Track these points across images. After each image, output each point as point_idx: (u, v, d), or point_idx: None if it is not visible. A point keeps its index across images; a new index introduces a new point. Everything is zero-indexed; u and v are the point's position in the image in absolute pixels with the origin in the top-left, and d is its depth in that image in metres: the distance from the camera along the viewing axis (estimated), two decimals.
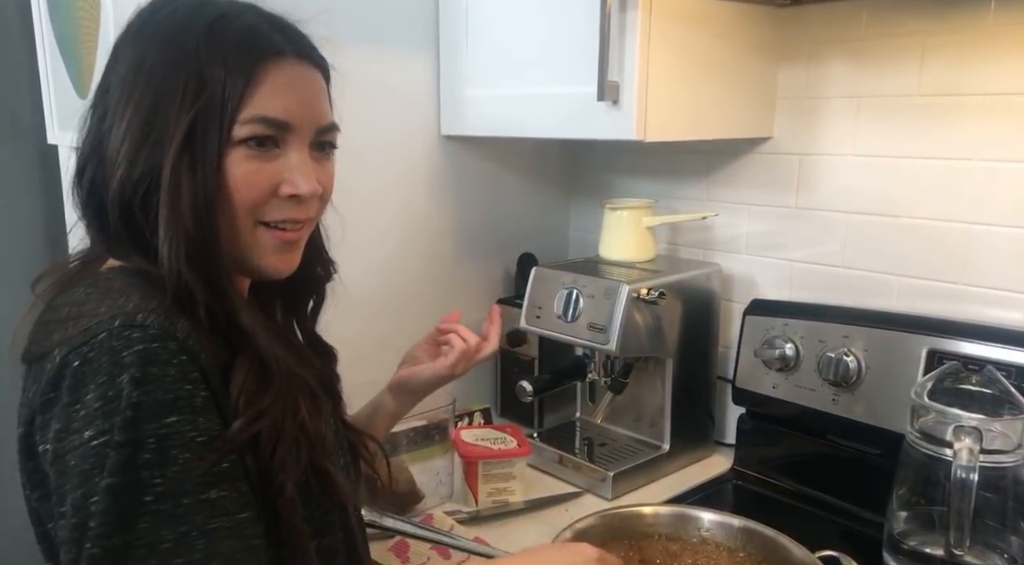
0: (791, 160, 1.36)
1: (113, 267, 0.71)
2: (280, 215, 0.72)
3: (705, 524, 1.02)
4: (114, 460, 0.57)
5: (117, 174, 0.67)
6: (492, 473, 1.24)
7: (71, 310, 0.64)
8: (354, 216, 1.38)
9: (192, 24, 0.68)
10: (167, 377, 0.60)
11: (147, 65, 0.68)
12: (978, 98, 1.14)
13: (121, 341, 0.59)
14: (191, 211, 0.66)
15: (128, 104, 0.68)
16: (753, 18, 1.28)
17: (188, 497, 0.59)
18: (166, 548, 0.58)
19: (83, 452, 0.58)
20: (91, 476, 0.57)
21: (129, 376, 0.58)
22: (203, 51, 0.67)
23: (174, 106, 0.66)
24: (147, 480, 0.58)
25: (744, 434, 1.40)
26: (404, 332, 1.49)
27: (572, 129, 1.25)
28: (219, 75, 0.67)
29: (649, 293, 1.25)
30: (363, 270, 1.41)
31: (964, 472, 0.89)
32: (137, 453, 0.58)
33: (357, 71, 1.33)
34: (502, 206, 1.61)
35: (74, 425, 0.58)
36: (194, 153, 0.66)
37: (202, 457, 0.60)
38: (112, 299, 0.63)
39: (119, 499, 0.57)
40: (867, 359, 1.19)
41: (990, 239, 1.16)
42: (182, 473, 0.59)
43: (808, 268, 1.36)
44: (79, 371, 0.59)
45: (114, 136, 0.68)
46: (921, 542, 0.99)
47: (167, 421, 0.59)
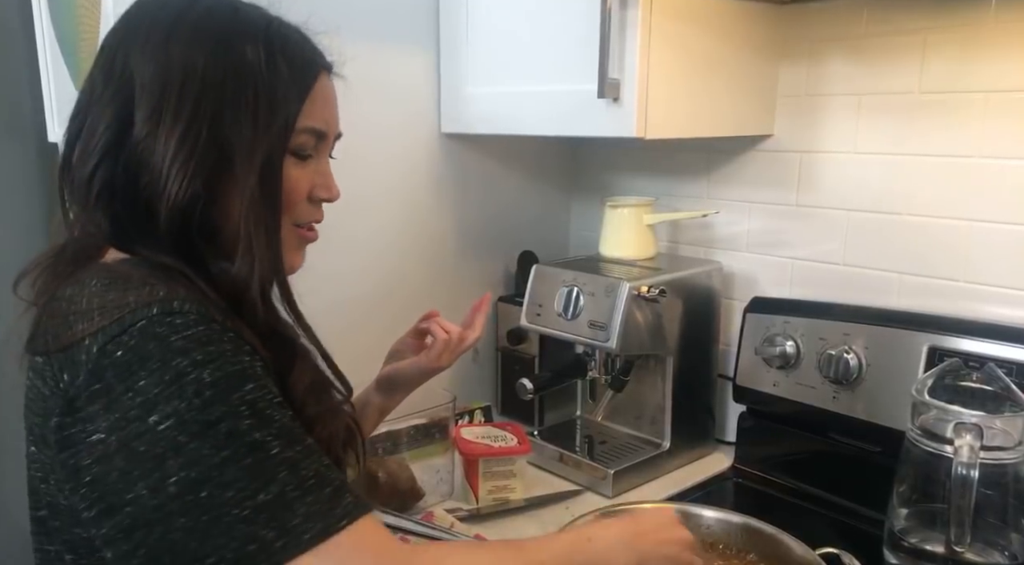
0: (792, 158, 1.36)
1: (122, 259, 0.70)
2: (310, 217, 0.79)
3: (706, 522, 1.02)
4: (217, 436, 0.59)
5: (174, 182, 0.67)
6: (492, 471, 1.24)
7: (92, 301, 0.64)
8: (354, 214, 1.39)
9: (243, 31, 0.71)
10: (227, 352, 0.62)
11: (199, 70, 0.68)
12: (979, 95, 1.14)
13: (165, 327, 0.61)
14: (265, 224, 0.70)
15: (181, 108, 0.68)
16: (754, 15, 1.28)
17: (300, 443, 0.63)
18: (312, 484, 0.61)
19: (151, 438, 0.58)
20: (165, 459, 0.58)
21: (190, 359, 0.60)
22: (265, 63, 0.70)
23: (244, 117, 0.69)
24: (261, 439, 0.60)
25: (744, 432, 1.40)
26: (403, 330, 1.49)
27: (572, 127, 1.25)
28: (285, 87, 0.71)
29: (650, 291, 1.25)
30: (363, 268, 1.41)
31: (965, 469, 0.89)
32: (237, 422, 0.60)
33: (357, 69, 1.33)
34: (502, 204, 1.60)
35: (132, 412, 0.59)
36: (265, 167, 0.70)
37: (285, 413, 0.64)
38: (136, 289, 0.64)
39: (244, 463, 0.59)
40: (868, 357, 1.19)
41: (991, 236, 1.16)
42: (283, 425, 0.62)
43: (809, 266, 1.36)
44: (123, 360, 0.60)
45: (160, 140, 0.67)
46: (922, 539, 0.99)
47: (247, 388, 0.61)
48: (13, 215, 1.63)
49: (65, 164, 0.73)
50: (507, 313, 1.56)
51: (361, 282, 1.41)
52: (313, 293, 0.88)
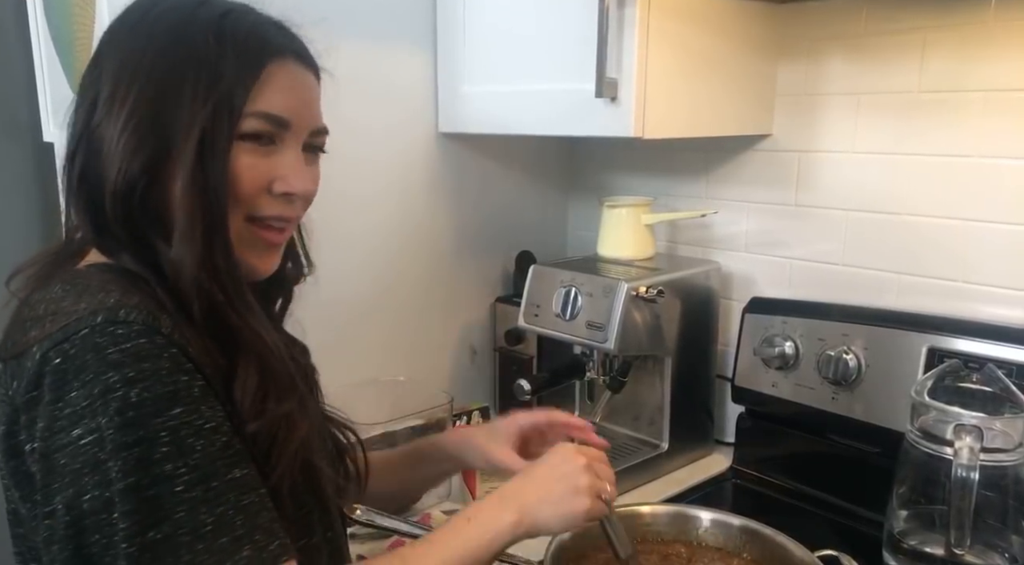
0: (790, 157, 1.35)
1: (92, 264, 0.70)
2: (271, 211, 0.72)
3: (704, 524, 1.01)
4: (127, 461, 0.57)
5: (115, 165, 0.66)
6: (490, 472, 1.24)
7: (48, 307, 0.64)
8: (351, 214, 1.38)
9: (199, 18, 0.69)
10: (162, 371, 0.60)
11: (148, 56, 0.68)
12: (979, 94, 1.14)
13: (105, 337, 0.59)
14: (203, 206, 0.66)
15: (128, 94, 0.67)
16: (752, 14, 1.28)
17: (216, 479, 0.60)
18: (208, 530, 0.59)
19: (72, 451, 0.57)
20: (81, 475, 0.57)
21: (121, 375, 0.58)
22: (214, 45, 0.68)
23: (184, 99, 0.67)
24: (172, 472, 0.58)
25: (743, 433, 1.39)
26: (401, 330, 1.49)
27: (570, 126, 1.24)
28: (232, 70, 0.68)
29: (648, 291, 1.24)
30: (360, 268, 1.40)
31: (965, 471, 0.88)
32: (152, 449, 0.58)
33: (354, 68, 1.33)
34: (500, 204, 1.60)
35: (59, 423, 0.58)
36: (206, 147, 0.67)
37: (214, 442, 0.61)
38: (91, 295, 0.63)
39: (145, 495, 0.57)
40: (867, 357, 1.19)
41: (990, 236, 1.15)
42: (204, 458, 0.60)
43: (807, 266, 1.36)
44: (60, 368, 0.59)
45: (110, 125, 0.67)
46: (921, 541, 0.98)
47: (173, 413, 0.59)
48: (8, 214, 1.62)
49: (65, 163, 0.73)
50: (505, 313, 1.56)
51: (358, 282, 1.40)
52: (310, 292, 0.88)
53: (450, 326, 1.56)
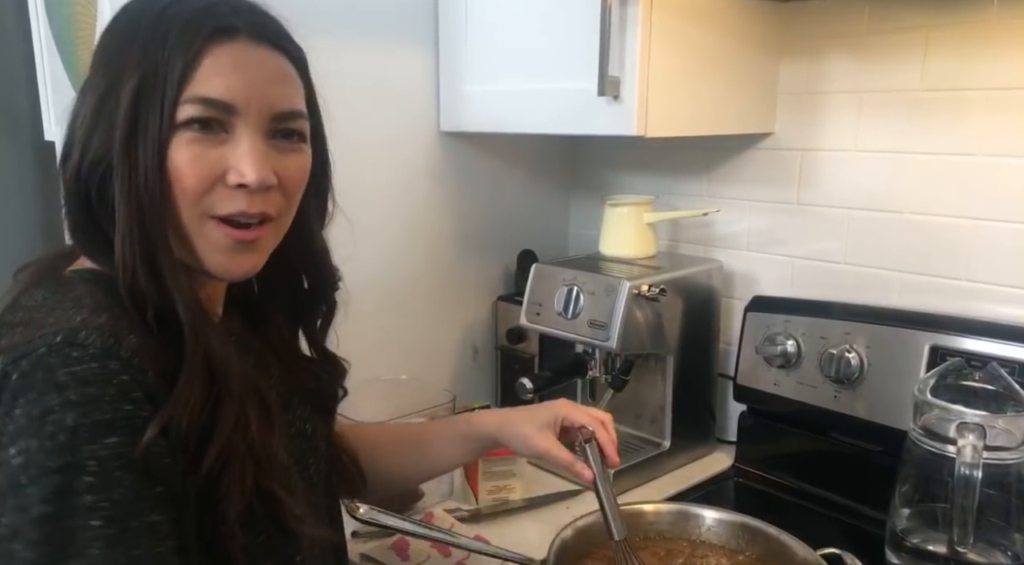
0: (792, 156, 1.35)
1: (77, 270, 0.68)
2: (230, 208, 0.67)
3: (707, 522, 1.01)
4: (47, 487, 0.54)
5: (71, 161, 0.65)
6: (492, 471, 1.24)
7: (24, 315, 0.62)
8: (352, 213, 1.37)
9: (149, 7, 0.67)
10: (106, 397, 0.57)
11: (107, 47, 0.67)
12: (981, 93, 1.14)
13: (59, 358, 0.57)
14: (136, 200, 0.63)
15: (87, 89, 0.67)
16: (754, 13, 1.28)
17: (136, 519, 0.57)
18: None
19: (5, 471, 0.55)
20: (4, 497, 0.55)
21: (63, 398, 0.56)
22: (148, 31, 0.65)
23: (122, 89, 0.64)
24: (92, 504, 0.55)
25: (745, 431, 1.39)
26: (404, 330, 1.49)
27: (572, 125, 1.24)
28: (159, 54, 0.64)
29: (650, 290, 1.24)
30: (362, 268, 1.40)
31: (968, 469, 0.88)
32: (76, 478, 0.55)
33: (355, 67, 1.34)
34: (502, 203, 1.60)
35: (2, 440, 0.56)
36: (137, 137, 0.63)
37: (142, 479, 0.58)
38: (63, 310, 0.61)
39: (61, 526, 0.54)
40: (869, 356, 1.19)
41: (993, 235, 1.15)
42: (128, 495, 0.57)
43: (810, 264, 1.36)
44: (16, 384, 0.57)
45: (77, 116, 0.67)
46: (924, 539, 0.98)
47: (107, 442, 0.56)
48: (10, 212, 1.62)
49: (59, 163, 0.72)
50: (507, 312, 1.56)
51: (359, 281, 1.39)
52: None
53: (452, 325, 1.56)
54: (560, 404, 0.97)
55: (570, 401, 0.99)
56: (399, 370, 1.42)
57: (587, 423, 0.94)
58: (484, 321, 1.61)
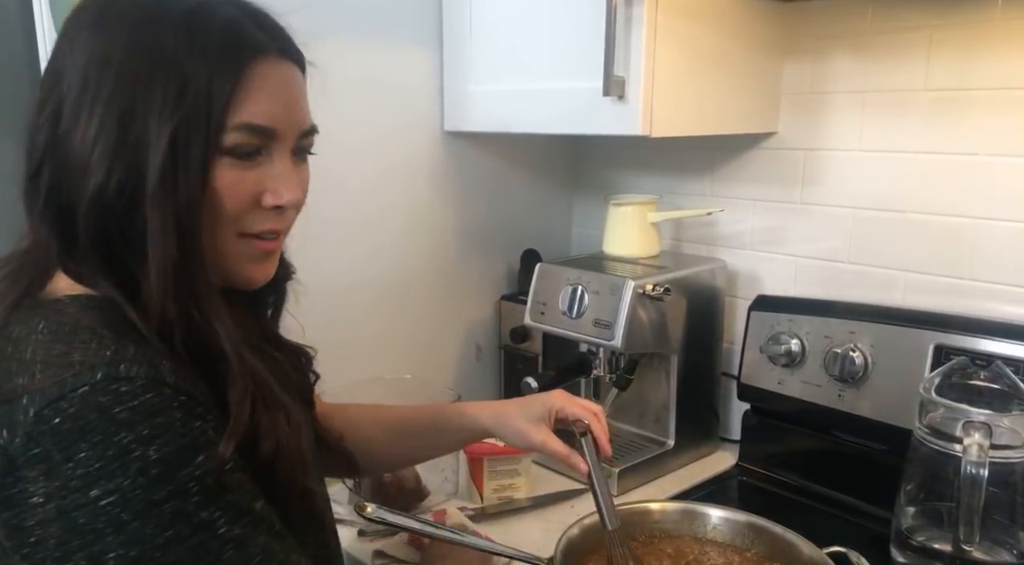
0: (796, 155, 1.36)
1: (71, 296, 0.64)
2: (262, 226, 0.68)
3: (713, 520, 1.02)
4: (162, 516, 0.56)
5: (90, 183, 0.61)
6: (497, 470, 1.24)
7: (36, 352, 0.59)
8: (356, 213, 1.39)
9: (167, 14, 0.63)
10: (176, 423, 0.58)
11: (115, 58, 0.62)
12: (985, 93, 1.14)
13: (109, 396, 0.56)
14: (176, 225, 0.62)
15: (96, 102, 0.61)
16: (758, 13, 1.28)
17: (248, 515, 0.61)
18: (259, 560, 0.60)
19: (92, 511, 0.55)
20: (103, 535, 0.55)
21: (135, 434, 0.56)
22: (182, 47, 0.62)
23: (154, 108, 0.61)
24: (208, 518, 0.58)
25: (749, 430, 1.40)
26: (406, 329, 1.49)
27: (577, 125, 1.24)
28: (203, 76, 0.62)
29: (654, 289, 1.24)
30: (365, 267, 1.40)
31: (974, 468, 0.89)
32: (184, 502, 0.57)
33: (359, 66, 1.34)
34: (505, 202, 1.60)
35: (73, 483, 0.55)
36: (177, 164, 0.61)
37: (235, 479, 0.61)
38: (84, 345, 0.59)
39: (189, 541, 0.57)
40: (873, 355, 1.19)
41: (997, 234, 1.15)
42: (233, 498, 0.60)
43: (813, 264, 1.36)
44: (61, 428, 0.55)
45: (79, 137, 0.62)
46: (929, 538, 0.99)
47: (196, 462, 0.58)
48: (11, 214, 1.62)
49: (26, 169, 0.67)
50: (510, 311, 1.56)
51: (363, 280, 1.40)
52: (316, 291, 0.88)
53: (455, 324, 1.57)
54: (554, 396, 0.98)
55: (565, 392, 1.00)
56: (402, 369, 1.42)
57: (583, 416, 0.96)
58: (487, 320, 1.61)
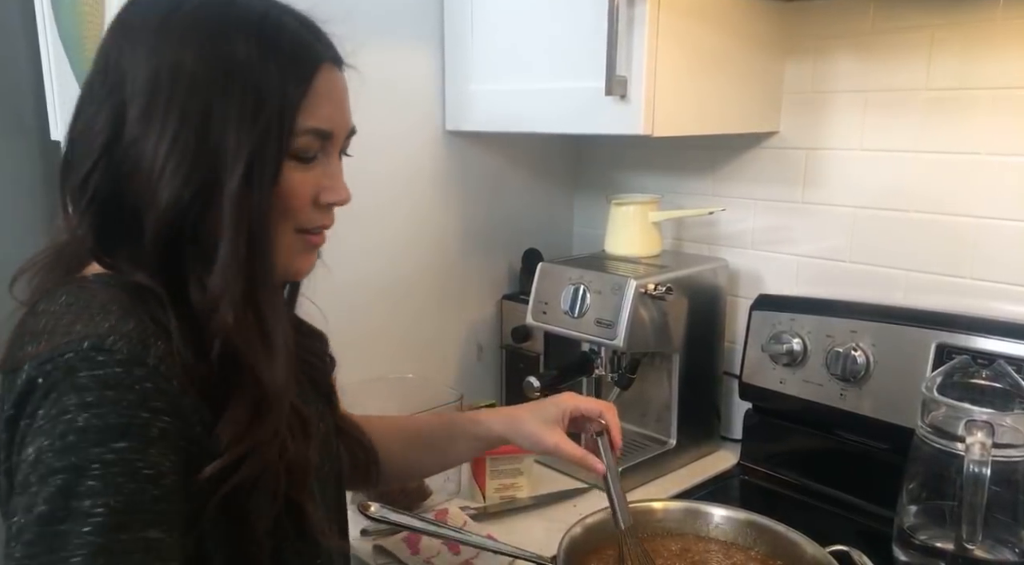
0: (798, 155, 1.36)
1: (96, 274, 0.67)
2: (317, 222, 0.72)
3: (715, 519, 1.02)
4: (50, 486, 0.54)
5: (165, 190, 0.63)
6: (500, 469, 1.24)
7: (47, 322, 0.61)
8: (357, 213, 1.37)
9: (237, 24, 0.65)
10: (123, 402, 0.57)
11: (187, 66, 0.63)
12: (986, 92, 1.14)
13: (84, 363, 0.57)
14: (248, 231, 0.64)
15: (170, 109, 0.63)
16: (760, 12, 1.28)
17: (128, 532, 0.55)
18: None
19: (23, 469, 0.56)
20: (16, 496, 0.56)
21: (79, 399, 0.56)
22: (256, 56, 0.64)
23: (232, 116, 0.64)
24: (87, 509, 0.54)
25: (751, 429, 1.40)
26: (408, 329, 1.49)
27: (579, 124, 1.24)
28: (277, 84, 0.65)
29: (656, 288, 1.24)
30: (366, 266, 1.40)
31: (977, 467, 0.89)
32: (78, 480, 0.54)
33: (360, 65, 1.33)
34: (506, 202, 1.60)
35: (26, 440, 0.57)
36: (254, 169, 0.64)
37: (146, 491, 0.56)
38: (89, 317, 0.60)
39: (51, 528, 0.54)
40: (875, 354, 1.19)
41: (998, 233, 1.16)
42: (126, 504, 0.55)
43: (815, 263, 1.36)
44: (39, 387, 0.57)
45: (152, 144, 0.63)
46: (931, 536, 0.99)
47: (115, 446, 0.56)
48: (15, 213, 1.62)
49: (66, 164, 0.69)
50: (512, 311, 1.56)
51: (364, 279, 1.40)
52: (317, 291, 0.88)
53: (456, 323, 1.57)
54: (566, 397, 1.00)
55: (574, 393, 1.02)
56: (404, 368, 1.42)
57: (599, 410, 0.98)
58: (489, 320, 1.61)
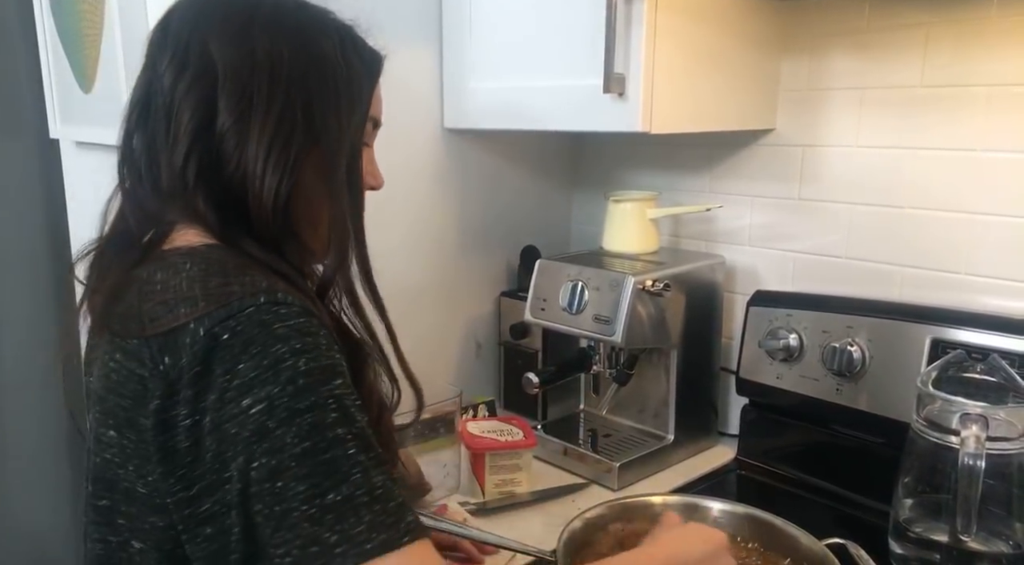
0: (794, 152, 1.37)
1: (209, 244, 0.70)
2: (364, 205, 0.80)
3: (714, 514, 1.03)
4: (301, 426, 0.59)
5: (272, 175, 0.69)
6: (499, 465, 1.25)
7: (193, 286, 0.64)
8: None
9: (316, 23, 0.75)
10: (321, 345, 0.62)
11: (286, 61, 0.70)
12: (981, 89, 1.15)
13: (271, 315, 0.62)
14: (354, 219, 0.75)
15: (271, 102, 0.69)
16: (756, 10, 1.29)
17: (374, 450, 0.62)
18: (380, 493, 0.60)
19: (242, 420, 0.59)
20: (250, 443, 0.59)
21: (289, 347, 0.60)
22: (341, 55, 0.74)
23: (332, 112, 0.72)
24: (343, 436, 0.60)
25: (748, 424, 1.41)
26: (406, 325, 1.48)
27: (577, 122, 1.25)
28: (360, 80, 0.75)
29: (654, 285, 1.25)
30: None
31: (972, 460, 0.90)
32: (323, 414, 0.60)
33: None
34: (505, 199, 1.61)
35: (229, 395, 0.60)
36: (353, 160, 0.74)
37: (364, 418, 0.64)
38: (239, 278, 0.64)
39: (324, 458, 0.59)
40: (871, 349, 1.20)
41: (993, 229, 1.17)
42: (360, 429, 0.62)
43: (811, 259, 1.37)
44: (229, 343, 0.60)
45: (252, 133, 0.69)
46: (926, 529, 1.00)
47: (336, 383, 0.62)
48: (15, 209, 1.62)
49: (127, 150, 0.74)
50: (510, 308, 1.57)
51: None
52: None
53: (455, 320, 1.57)
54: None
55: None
56: None
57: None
58: (487, 316, 1.62)
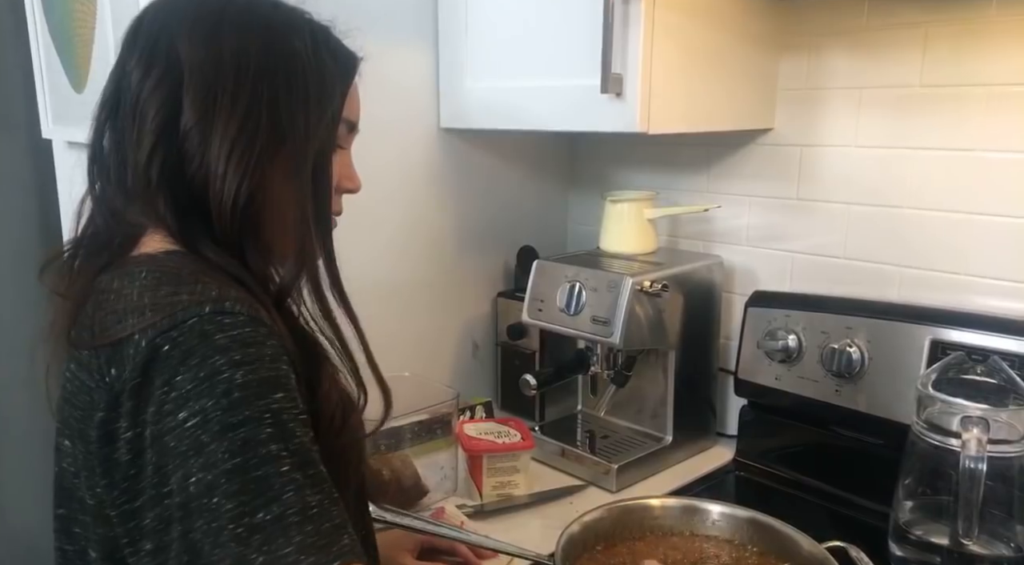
0: (792, 151, 1.36)
1: (167, 251, 0.69)
2: (337, 209, 0.79)
3: (713, 517, 1.02)
4: (233, 441, 0.57)
5: (233, 175, 0.67)
6: (497, 466, 1.24)
7: (143, 296, 0.63)
8: (351, 210, 1.37)
9: (289, 22, 0.73)
10: (265, 357, 0.61)
11: (253, 57, 0.69)
12: (980, 89, 1.14)
13: (213, 325, 0.60)
14: (318, 221, 0.72)
15: (236, 100, 0.67)
16: (754, 10, 1.28)
17: (313, 467, 0.60)
18: (314, 513, 0.58)
19: (179, 434, 0.58)
20: (187, 458, 0.57)
21: (227, 359, 0.59)
22: (312, 53, 0.72)
23: (299, 111, 0.70)
24: (276, 453, 0.58)
25: (746, 425, 1.40)
26: (403, 326, 1.49)
27: (574, 122, 1.24)
28: (332, 80, 0.73)
29: (652, 286, 1.25)
30: (360, 265, 1.38)
31: (973, 462, 0.89)
32: (256, 430, 0.58)
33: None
34: (501, 199, 1.60)
35: (167, 407, 0.58)
36: (319, 161, 0.72)
37: (307, 433, 0.61)
38: (190, 286, 0.63)
39: (255, 475, 0.57)
40: (870, 350, 1.19)
41: (992, 229, 1.16)
42: (301, 445, 0.60)
43: (809, 259, 1.37)
44: (169, 355, 0.59)
45: (215, 130, 0.67)
46: (927, 531, 0.99)
47: (275, 397, 0.60)
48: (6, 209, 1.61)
49: (97, 149, 0.72)
50: (507, 308, 1.56)
51: (359, 278, 1.38)
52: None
53: (452, 321, 1.57)
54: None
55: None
56: (399, 367, 1.41)
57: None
58: (484, 317, 1.61)
